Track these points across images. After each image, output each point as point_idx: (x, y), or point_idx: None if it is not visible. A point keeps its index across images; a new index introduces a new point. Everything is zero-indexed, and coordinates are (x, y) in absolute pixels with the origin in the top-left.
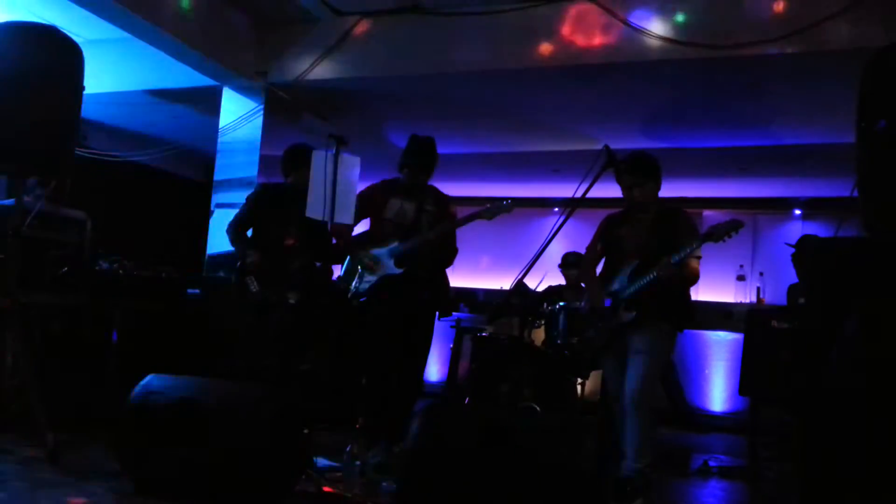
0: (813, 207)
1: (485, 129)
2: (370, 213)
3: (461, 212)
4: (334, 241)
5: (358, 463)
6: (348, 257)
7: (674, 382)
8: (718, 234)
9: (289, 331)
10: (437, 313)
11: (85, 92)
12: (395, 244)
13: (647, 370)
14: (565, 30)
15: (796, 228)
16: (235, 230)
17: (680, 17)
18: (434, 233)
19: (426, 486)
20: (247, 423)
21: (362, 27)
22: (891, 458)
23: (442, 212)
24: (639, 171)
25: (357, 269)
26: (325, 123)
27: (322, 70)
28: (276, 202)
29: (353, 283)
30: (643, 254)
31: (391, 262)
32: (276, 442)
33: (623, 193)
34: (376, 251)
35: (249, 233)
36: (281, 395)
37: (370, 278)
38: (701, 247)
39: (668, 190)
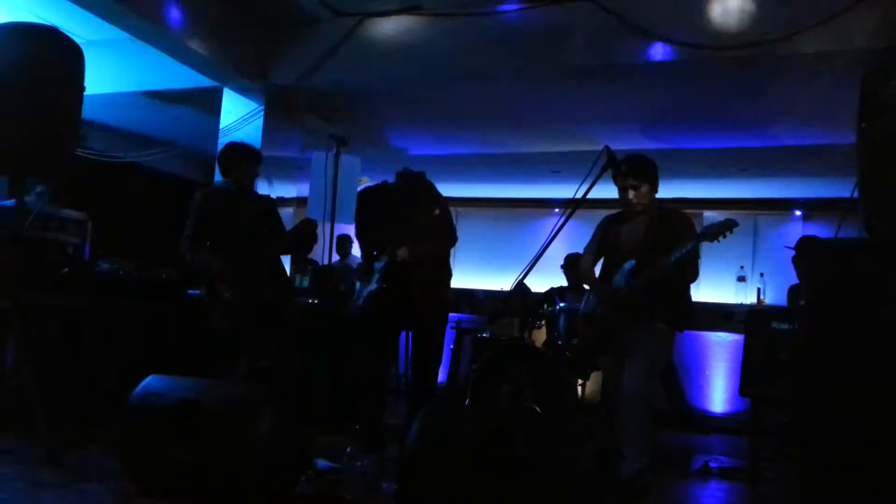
0: (813, 208)
1: (485, 129)
2: None
3: (467, 212)
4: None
5: (358, 464)
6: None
7: (674, 383)
8: (713, 234)
9: (276, 330)
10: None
11: (85, 92)
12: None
13: (646, 370)
14: (566, 31)
15: (797, 229)
16: (192, 242)
17: (680, 19)
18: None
19: (426, 487)
20: (247, 424)
21: (363, 28)
22: (891, 458)
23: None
24: (634, 173)
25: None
26: (326, 124)
27: (322, 71)
28: (222, 204)
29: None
30: (640, 254)
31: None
32: (276, 443)
33: (619, 195)
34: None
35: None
36: (281, 397)
37: (365, 290)
38: (698, 247)
39: (668, 190)
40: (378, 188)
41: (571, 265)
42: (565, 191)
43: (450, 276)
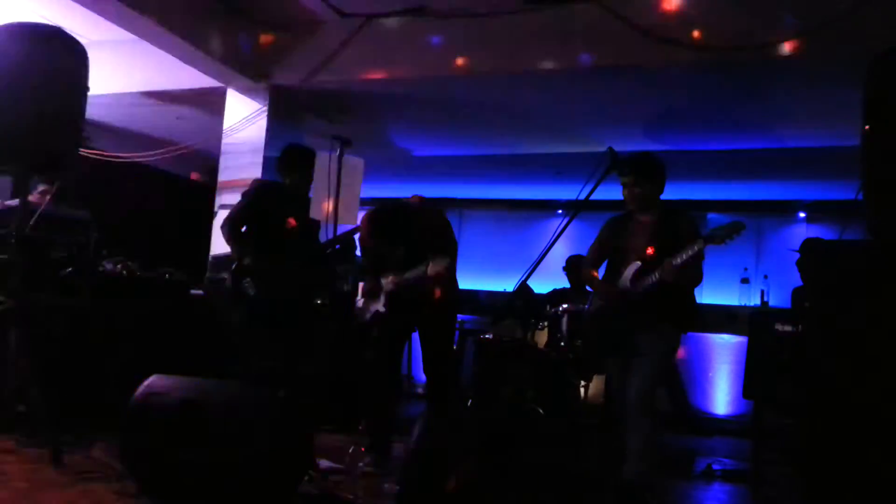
0: (817, 210)
1: (488, 130)
2: None
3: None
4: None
5: (361, 464)
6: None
7: (677, 385)
8: (720, 236)
9: (289, 332)
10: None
11: (89, 93)
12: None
13: (651, 372)
14: (569, 32)
15: (801, 231)
16: (232, 228)
17: (685, 20)
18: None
19: (428, 488)
20: (250, 424)
21: (366, 29)
22: (891, 459)
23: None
24: (639, 173)
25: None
26: (329, 125)
27: (326, 72)
28: (274, 202)
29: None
30: (645, 255)
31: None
32: (278, 443)
33: (623, 193)
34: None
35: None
36: (284, 397)
37: (373, 307)
38: (704, 249)
39: (672, 192)
40: (391, 210)
41: (574, 267)
42: (569, 192)
43: (456, 282)
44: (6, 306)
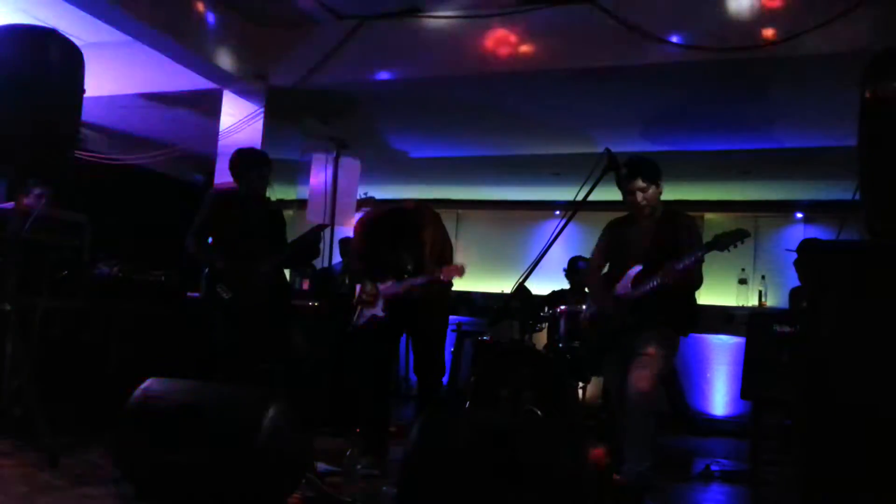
0: (815, 211)
1: (485, 132)
2: None
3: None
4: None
5: (358, 467)
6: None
7: (675, 386)
8: (724, 243)
9: (268, 331)
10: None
11: (85, 95)
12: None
13: (651, 373)
14: (566, 32)
15: (798, 232)
16: (196, 242)
17: (681, 21)
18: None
19: (426, 490)
20: (247, 427)
21: (363, 30)
22: (891, 461)
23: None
24: (642, 176)
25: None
26: (326, 126)
27: (322, 73)
28: (230, 208)
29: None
30: (647, 258)
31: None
32: (276, 446)
33: (626, 198)
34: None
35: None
36: (281, 399)
37: (368, 312)
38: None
39: (669, 193)
40: (387, 214)
41: (575, 269)
42: (566, 193)
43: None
44: (2, 309)
